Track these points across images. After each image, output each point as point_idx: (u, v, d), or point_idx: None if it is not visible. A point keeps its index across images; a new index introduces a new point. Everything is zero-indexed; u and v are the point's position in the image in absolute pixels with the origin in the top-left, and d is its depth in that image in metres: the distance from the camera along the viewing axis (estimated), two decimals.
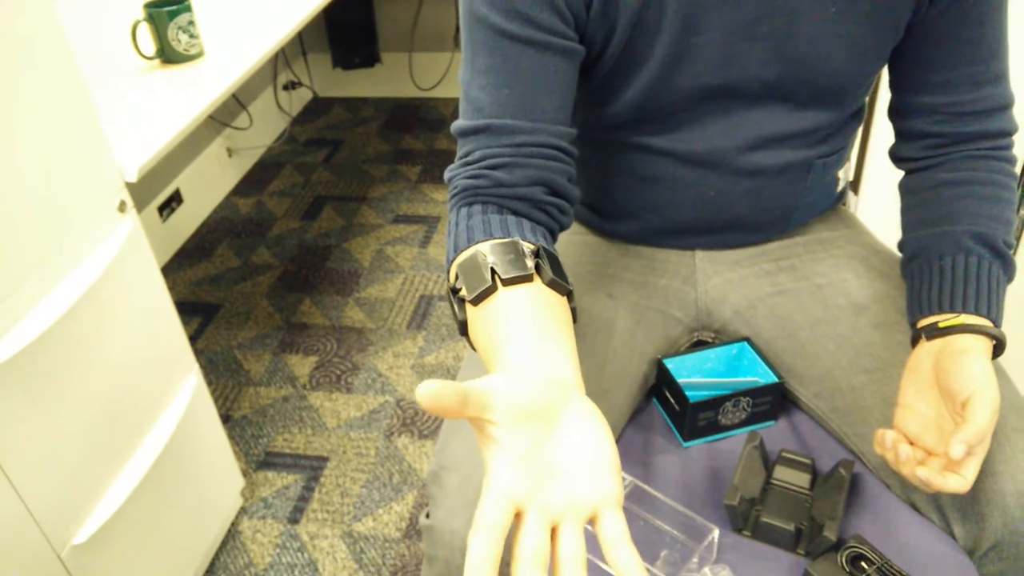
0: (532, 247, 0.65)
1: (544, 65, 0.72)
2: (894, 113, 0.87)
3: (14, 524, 0.95)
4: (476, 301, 0.62)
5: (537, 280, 0.63)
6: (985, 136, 0.82)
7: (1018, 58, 1.25)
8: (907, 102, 0.84)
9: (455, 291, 0.65)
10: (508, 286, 0.62)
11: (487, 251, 0.64)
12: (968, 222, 0.79)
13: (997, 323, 0.75)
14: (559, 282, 0.63)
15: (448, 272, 0.69)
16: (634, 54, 0.76)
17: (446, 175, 0.76)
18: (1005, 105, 0.82)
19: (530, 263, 0.63)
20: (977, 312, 0.75)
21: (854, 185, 1.74)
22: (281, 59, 2.82)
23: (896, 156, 0.89)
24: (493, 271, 0.62)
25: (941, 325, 0.75)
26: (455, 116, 3.15)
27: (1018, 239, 1.41)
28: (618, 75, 0.78)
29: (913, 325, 0.79)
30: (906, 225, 0.86)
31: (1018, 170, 0.85)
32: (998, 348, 0.74)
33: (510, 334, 0.59)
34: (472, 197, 0.72)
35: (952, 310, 0.75)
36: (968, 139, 0.83)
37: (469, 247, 0.66)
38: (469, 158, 0.73)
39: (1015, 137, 0.84)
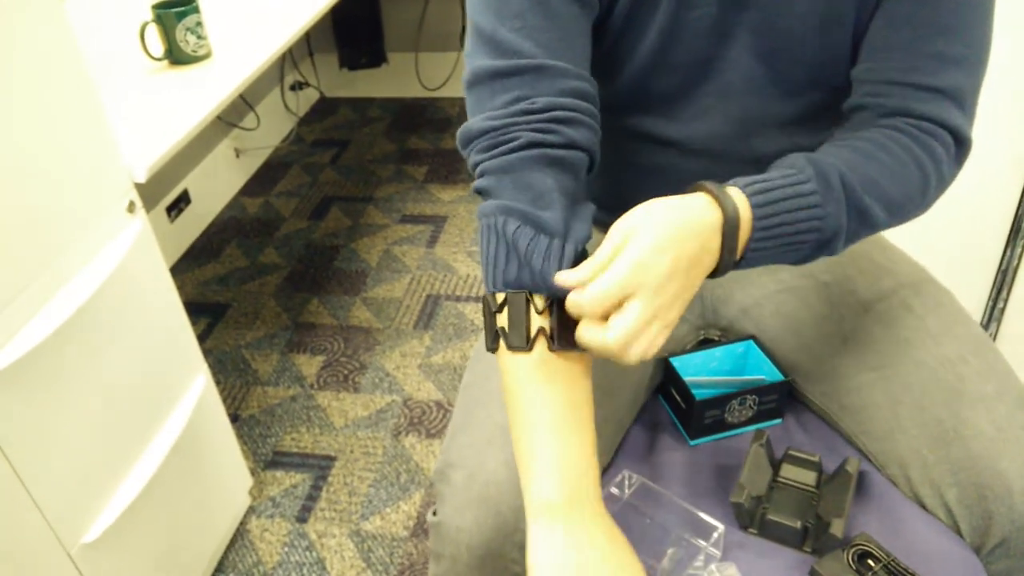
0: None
1: (573, 13, 0.71)
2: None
3: (25, 522, 0.96)
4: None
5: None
6: (908, 115, 0.71)
7: (1014, 71, 1.26)
8: (851, 76, 0.76)
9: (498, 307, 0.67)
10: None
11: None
12: (814, 157, 0.68)
13: (754, 207, 0.63)
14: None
15: (496, 271, 0.68)
16: (633, 26, 0.75)
17: (483, 123, 0.69)
18: (944, 90, 0.70)
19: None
20: (735, 186, 0.64)
21: None
22: (288, 60, 2.83)
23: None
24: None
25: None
26: (462, 116, 3.15)
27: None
28: (619, 49, 0.78)
29: None
30: None
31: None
32: (729, 228, 0.62)
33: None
34: (540, 156, 0.67)
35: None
36: (889, 115, 0.71)
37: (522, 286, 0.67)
38: (526, 104, 0.67)
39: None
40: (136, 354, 1.13)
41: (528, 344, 0.65)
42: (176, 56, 1.39)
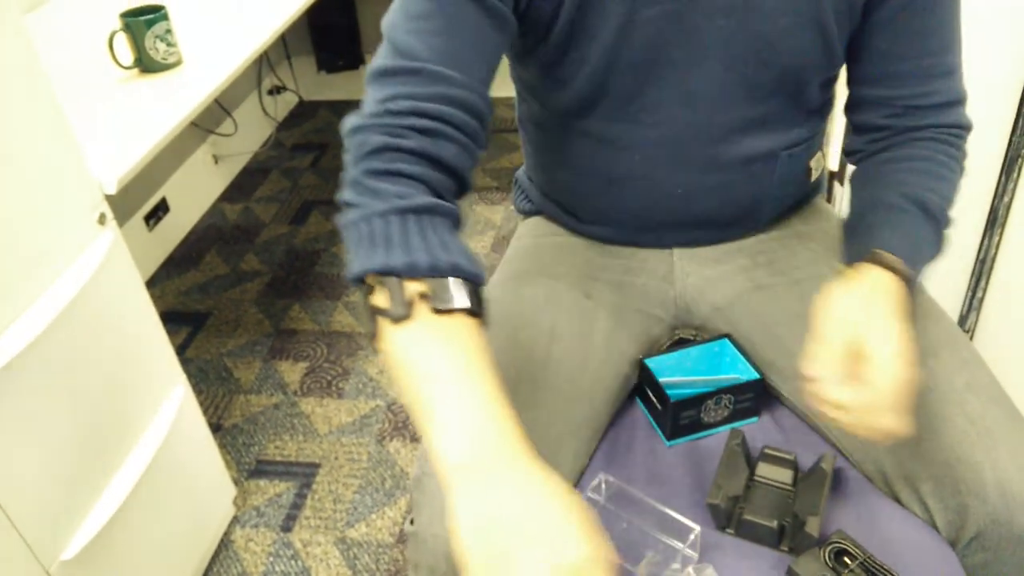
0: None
1: (481, 25, 0.69)
2: (848, 106, 0.87)
3: (0, 540, 0.95)
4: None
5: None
6: (935, 128, 0.82)
7: (1006, 56, 1.27)
8: (860, 95, 0.84)
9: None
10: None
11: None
12: (901, 188, 0.79)
13: (911, 265, 0.74)
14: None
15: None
16: (584, 26, 0.75)
17: (353, 121, 0.68)
18: (956, 100, 0.82)
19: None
20: (885, 247, 0.74)
21: (840, 176, 1.74)
22: (265, 64, 2.81)
23: (847, 150, 0.89)
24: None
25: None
26: None
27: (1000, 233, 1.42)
28: (572, 51, 0.77)
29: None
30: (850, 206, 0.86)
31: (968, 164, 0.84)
32: (909, 284, 0.73)
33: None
34: (391, 162, 0.65)
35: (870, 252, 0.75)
36: (918, 131, 0.82)
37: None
38: (393, 105, 0.66)
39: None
40: (111, 367, 1.12)
41: (408, 310, 0.60)
42: (146, 64, 1.37)
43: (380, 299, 0.62)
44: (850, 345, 0.68)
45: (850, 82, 0.85)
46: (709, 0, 0.73)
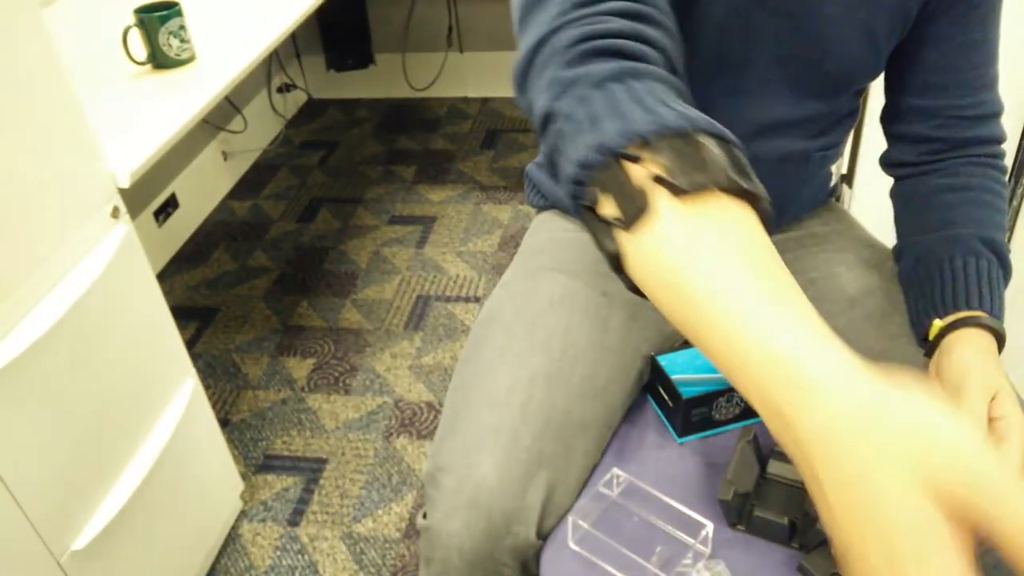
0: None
1: None
2: (889, 117, 0.87)
3: (12, 531, 0.96)
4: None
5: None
6: (981, 142, 0.83)
7: (1017, 60, 1.27)
8: (906, 104, 0.85)
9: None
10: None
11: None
12: (975, 227, 0.81)
13: (1000, 321, 0.77)
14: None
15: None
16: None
17: (529, 41, 0.54)
18: (998, 112, 0.84)
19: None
20: (981, 308, 0.77)
21: (848, 179, 1.74)
22: (275, 62, 2.82)
23: (890, 162, 0.89)
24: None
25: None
26: (450, 116, 3.13)
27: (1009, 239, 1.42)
28: None
29: (925, 330, 0.80)
30: (905, 231, 0.87)
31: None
32: (1000, 344, 0.76)
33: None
34: (600, 47, 0.51)
35: (968, 308, 0.77)
36: (965, 144, 0.84)
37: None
38: (580, 2, 0.53)
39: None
40: (123, 360, 1.12)
41: (646, 203, 0.44)
42: (159, 60, 1.38)
43: (605, 205, 0.46)
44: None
45: (893, 91, 0.86)
46: (775, 1, 0.74)
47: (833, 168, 0.94)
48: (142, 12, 1.36)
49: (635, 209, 0.44)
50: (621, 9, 0.54)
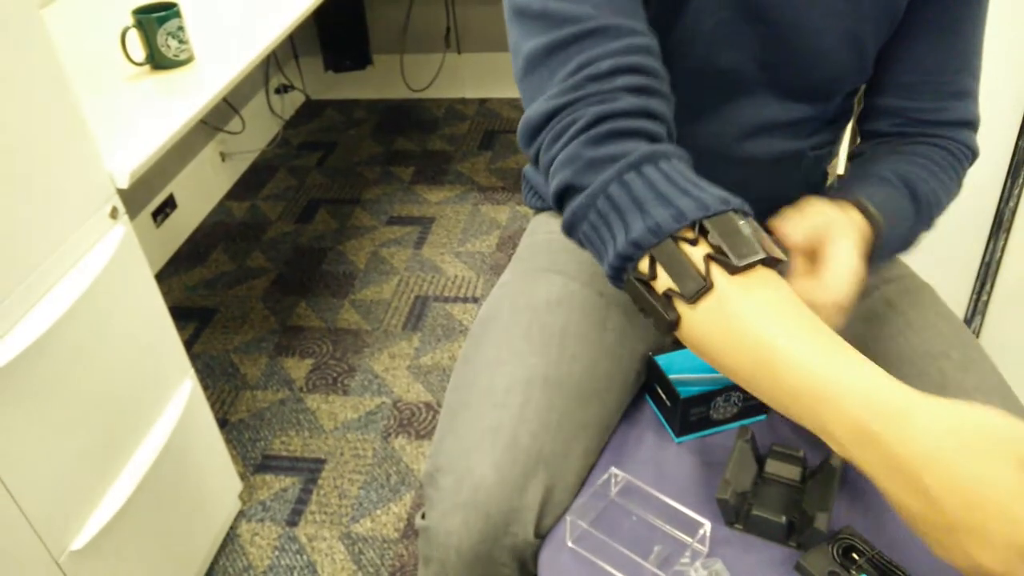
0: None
1: None
2: (859, 116, 0.88)
3: (11, 530, 0.96)
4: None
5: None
6: (945, 139, 0.83)
7: (1018, 60, 1.27)
8: (872, 103, 0.85)
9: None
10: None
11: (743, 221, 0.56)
12: (896, 168, 0.79)
13: (884, 227, 0.74)
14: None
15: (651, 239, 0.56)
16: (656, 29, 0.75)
17: (542, 107, 0.61)
18: (967, 122, 0.83)
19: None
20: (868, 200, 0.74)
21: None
22: (273, 63, 2.82)
23: (851, 155, 0.90)
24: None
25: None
26: (447, 117, 3.13)
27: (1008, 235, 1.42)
28: None
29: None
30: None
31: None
32: (877, 243, 0.74)
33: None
34: (613, 131, 0.59)
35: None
36: (926, 137, 0.83)
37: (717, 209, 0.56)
38: (593, 70, 0.60)
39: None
40: (121, 360, 1.13)
41: (707, 280, 0.54)
42: (158, 61, 1.38)
43: (661, 279, 0.56)
44: (812, 240, 0.69)
45: (865, 91, 0.86)
46: (761, 11, 0.74)
47: (830, 168, 0.95)
48: (140, 13, 1.36)
49: (696, 285, 0.54)
50: (632, 85, 0.60)
